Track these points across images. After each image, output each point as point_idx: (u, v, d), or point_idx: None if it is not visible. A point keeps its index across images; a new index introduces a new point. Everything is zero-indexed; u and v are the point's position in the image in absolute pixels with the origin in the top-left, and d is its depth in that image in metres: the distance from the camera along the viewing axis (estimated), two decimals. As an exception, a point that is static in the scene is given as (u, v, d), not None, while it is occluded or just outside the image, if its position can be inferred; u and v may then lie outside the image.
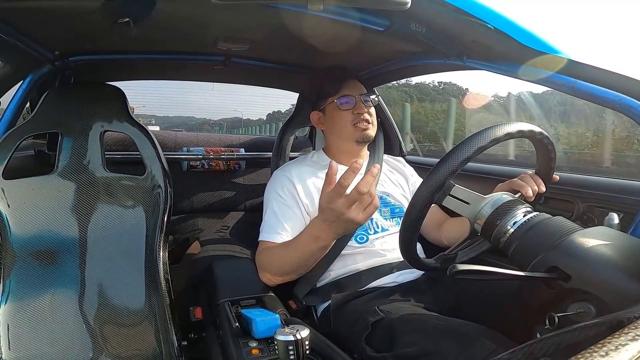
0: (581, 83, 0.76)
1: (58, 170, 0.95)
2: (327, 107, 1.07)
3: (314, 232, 0.84)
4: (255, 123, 19.27)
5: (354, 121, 1.03)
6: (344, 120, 1.04)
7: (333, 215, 0.77)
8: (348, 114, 1.04)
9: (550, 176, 0.77)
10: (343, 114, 1.04)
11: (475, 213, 0.68)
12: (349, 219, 0.76)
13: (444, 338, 0.68)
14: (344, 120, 1.04)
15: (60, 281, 0.90)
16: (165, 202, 0.98)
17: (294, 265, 0.91)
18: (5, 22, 0.83)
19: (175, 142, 1.47)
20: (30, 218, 0.91)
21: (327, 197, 0.77)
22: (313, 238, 0.84)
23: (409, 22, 0.85)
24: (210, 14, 0.87)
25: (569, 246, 0.57)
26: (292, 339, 0.62)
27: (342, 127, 1.05)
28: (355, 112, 1.03)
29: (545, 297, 0.58)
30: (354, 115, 1.03)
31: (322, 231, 0.82)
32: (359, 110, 1.03)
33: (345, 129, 1.05)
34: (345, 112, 1.04)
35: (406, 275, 0.97)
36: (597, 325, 0.38)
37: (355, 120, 1.03)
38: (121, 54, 1.17)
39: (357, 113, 1.03)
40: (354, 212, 0.76)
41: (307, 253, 0.87)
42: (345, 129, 1.05)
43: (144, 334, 0.89)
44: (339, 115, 1.04)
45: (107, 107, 1.02)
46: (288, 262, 0.90)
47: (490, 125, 0.65)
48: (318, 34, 0.97)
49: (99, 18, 0.77)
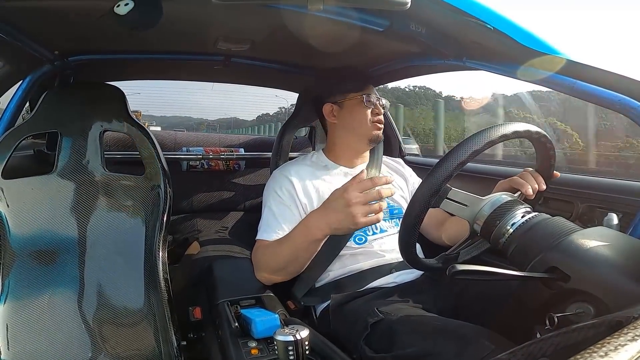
0: (581, 83, 0.76)
1: (57, 170, 0.95)
2: (347, 102, 1.08)
3: (307, 222, 0.86)
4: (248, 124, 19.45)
5: (373, 119, 1.07)
6: (364, 117, 1.07)
7: (340, 204, 0.78)
8: (369, 112, 1.07)
9: (550, 174, 0.77)
10: (364, 111, 1.06)
11: (473, 215, 0.68)
12: (352, 214, 0.77)
13: (442, 339, 0.68)
14: (364, 117, 1.07)
15: (59, 281, 0.90)
16: (164, 202, 0.98)
17: (285, 261, 0.91)
18: (4, 22, 0.83)
19: (174, 142, 1.47)
20: (29, 218, 0.91)
21: (346, 186, 0.79)
22: (305, 228, 0.86)
23: (409, 22, 0.85)
24: (211, 14, 0.87)
25: (568, 247, 0.57)
26: (292, 339, 0.62)
27: (361, 123, 1.07)
28: (375, 111, 1.07)
29: (544, 297, 0.58)
30: (373, 115, 1.07)
31: (317, 219, 0.84)
32: (378, 111, 1.07)
33: (364, 126, 1.07)
34: (367, 110, 1.07)
35: (405, 276, 0.97)
36: (596, 325, 0.38)
37: (374, 118, 1.07)
38: (121, 53, 1.17)
39: (376, 113, 1.07)
40: (360, 209, 0.77)
41: (297, 246, 0.88)
42: (364, 126, 1.07)
43: (143, 334, 0.89)
44: (360, 112, 1.07)
45: (107, 107, 1.02)
46: (280, 257, 0.91)
47: (485, 128, 0.65)
48: (318, 34, 0.97)
49: (99, 19, 0.77)
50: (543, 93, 11.01)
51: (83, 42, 1.06)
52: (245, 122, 18.90)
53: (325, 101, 1.11)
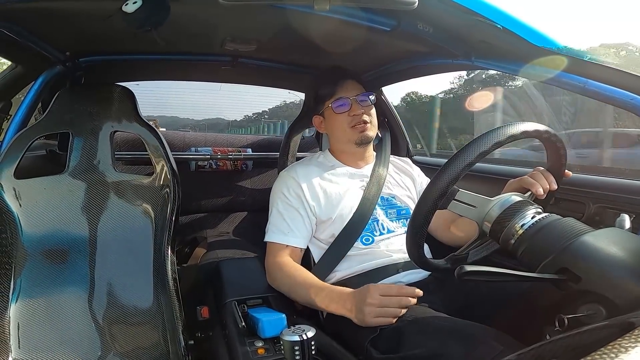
0: (592, 82, 0.75)
1: (69, 170, 0.96)
2: (325, 111, 1.06)
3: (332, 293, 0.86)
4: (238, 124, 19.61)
5: (351, 123, 1.02)
6: (341, 124, 1.03)
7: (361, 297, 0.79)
8: (344, 116, 1.03)
9: (561, 173, 0.76)
10: (339, 117, 1.03)
11: (482, 215, 0.67)
12: (364, 311, 0.77)
13: (450, 339, 0.67)
14: (341, 124, 1.03)
15: (69, 280, 0.91)
16: (173, 202, 0.99)
17: (296, 298, 0.92)
18: (17, 24, 0.85)
19: (183, 142, 1.48)
20: (41, 217, 0.93)
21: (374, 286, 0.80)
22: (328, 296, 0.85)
23: (416, 22, 0.85)
24: (218, 15, 0.88)
25: (580, 248, 0.56)
26: (298, 339, 0.62)
27: (341, 131, 1.04)
28: (351, 114, 1.02)
29: (554, 298, 0.58)
30: (351, 117, 1.02)
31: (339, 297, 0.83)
32: (355, 112, 1.02)
33: (344, 133, 1.04)
34: (342, 115, 1.03)
35: (412, 276, 0.96)
36: (607, 327, 0.37)
37: (352, 122, 1.02)
38: (130, 54, 1.19)
39: (353, 115, 1.02)
40: (373, 311, 0.77)
41: (311, 302, 0.88)
42: (344, 133, 1.04)
43: (152, 333, 0.90)
44: (336, 119, 1.04)
45: (117, 107, 1.03)
46: (293, 294, 0.92)
47: (493, 128, 0.64)
48: (325, 34, 0.97)
49: (109, 21, 0.78)
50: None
51: (94, 43, 1.07)
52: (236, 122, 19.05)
53: (313, 113, 1.11)
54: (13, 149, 0.94)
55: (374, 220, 1.01)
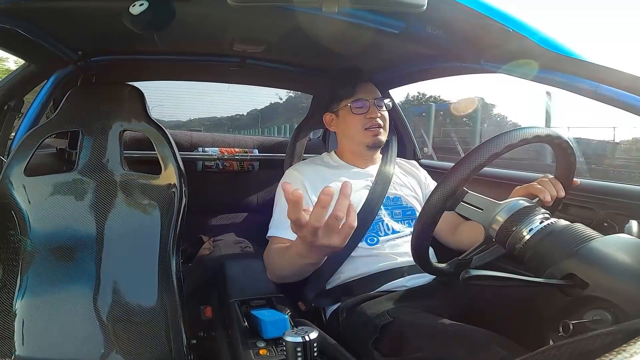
0: (604, 87, 0.74)
1: (78, 168, 0.97)
2: (341, 110, 1.07)
3: (298, 250, 0.75)
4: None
5: (366, 125, 1.04)
6: (356, 124, 1.05)
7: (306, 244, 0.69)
8: (361, 118, 1.04)
9: (570, 181, 0.75)
10: (356, 118, 1.04)
11: (489, 219, 0.66)
12: (324, 245, 0.67)
13: (453, 343, 0.66)
14: (356, 124, 1.05)
15: (76, 277, 0.91)
16: (180, 201, 0.99)
17: (288, 274, 0.89)
18: (31, 23, 0.86)
19: (190, 142, 1.49)
20: (49, 214, 0.94)
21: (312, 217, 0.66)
22: (299, 255, 0.76)
23: (425, 24, 0.84)
24: (226, 16, 0.88)
25: (588, 254, 0.55)
26: (301, 340, 0.62)
27: (355, 131, 1.05)
28: (368, 116, 1.04)
29: (559, 304, 0.57)
30: (367, 119, 1.04)
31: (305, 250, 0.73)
32: (371, 115, 1.04)
33: (358, 133, 1.05)
34: (359, 116, 1.04)
35: (417, 280, 0.96)
36: (613, 333, 0.36)
37: (367, 124, 1.04)
38: (141, 54, 1.20)
39: (369, 117, 1.04)
40: (325, 238, 0.66)
41: (296, 267, 0.83)
42: (358, 133, 1.05)
43: (155, 332, 0.90)
44: (352, 119, 1.05)
45: (127, 106, 1.04)
46: (283, 269, 0.89)
47: (505, 131, 0.64)
48: (333, 36, 0.97)
49: (121, 21, 0.80)
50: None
51: (105, 43, 1.09)
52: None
53: (325, 110, 1.11)
54: (24, 146, 0.95)
55: (379, 220, 1.01)
